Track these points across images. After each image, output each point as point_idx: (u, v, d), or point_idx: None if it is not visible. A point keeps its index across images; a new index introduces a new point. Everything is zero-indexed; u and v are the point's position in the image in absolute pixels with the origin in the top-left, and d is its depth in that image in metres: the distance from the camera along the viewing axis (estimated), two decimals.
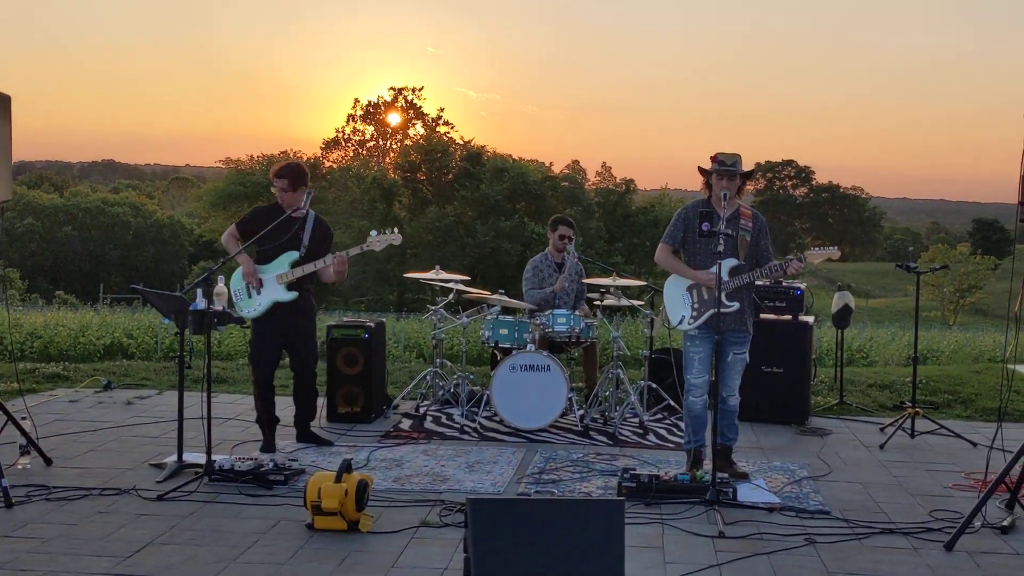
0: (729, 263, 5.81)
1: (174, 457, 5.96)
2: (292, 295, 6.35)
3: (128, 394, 8.51)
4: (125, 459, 6.26)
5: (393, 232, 6.46)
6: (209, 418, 5.72)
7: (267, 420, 6.53)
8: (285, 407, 6.80)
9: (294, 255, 6.35)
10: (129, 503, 5.34)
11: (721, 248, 5.54)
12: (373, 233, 6.45)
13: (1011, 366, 9.36)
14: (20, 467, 5.90)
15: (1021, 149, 4.89)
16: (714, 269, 5.62)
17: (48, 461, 6.06)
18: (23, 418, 6.05)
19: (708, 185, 5.95)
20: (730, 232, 5.79)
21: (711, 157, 5.89)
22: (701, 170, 5.96)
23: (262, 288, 6.36)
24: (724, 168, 5.81)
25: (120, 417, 7.55)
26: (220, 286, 6.29)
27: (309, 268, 6.34)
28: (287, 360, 6.79)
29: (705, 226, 5.86)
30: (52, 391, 8.64)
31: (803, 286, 7.78)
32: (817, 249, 5.92)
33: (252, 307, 6.34)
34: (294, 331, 6.47)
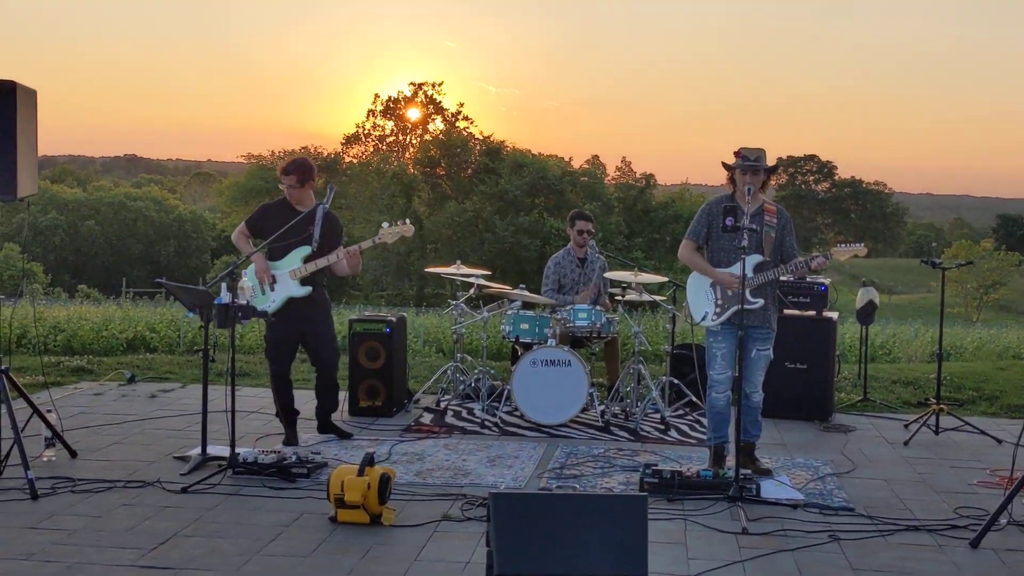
0: (754, 259, 5.78)
1: (198, 450, 6.00)
2: (306, 290, 6.36)
3: (152, 387, 8.57)
4: (149, 452, 6.30)
5: (405, 223, 6.44)
6: (233, 411, 5.75)
7: (286, 414, 6.55)
8: (306, 400, 6.82)
9: (306, 250, 6.36)
10: (153, 495, 5.37)
11: (745, 243, 5.50)
12: (384, 225, 6.43)
13: None
14: (45, 459, 5.95)
15: None
16: (738, 266, 5.59)
17: (73, 453, 6.12)
18: (48, 411, 6.10)
19: (732, 180, 5.91)
20: (754, 227, 5.75)
21: (735, 152, 5.85)
22: (725, 165, 5.92)
23: (275, 284, 6.36)
24: (748, 163, 5.77)
25: (144, 410, 7.60)
26: (244, 280, 6.32)
27: (322, 263, 6.34)
28: (306, 354, 6.81)
29: (729, 221, 5.82)
30: (76, 384, 8.70)
31: (827, 282, 7.73)
32: (843, 246, 5.88)
33: (266, 303, 6.34)
34: (310, 326, 6.48)
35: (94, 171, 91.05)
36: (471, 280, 7.91)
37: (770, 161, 5.86)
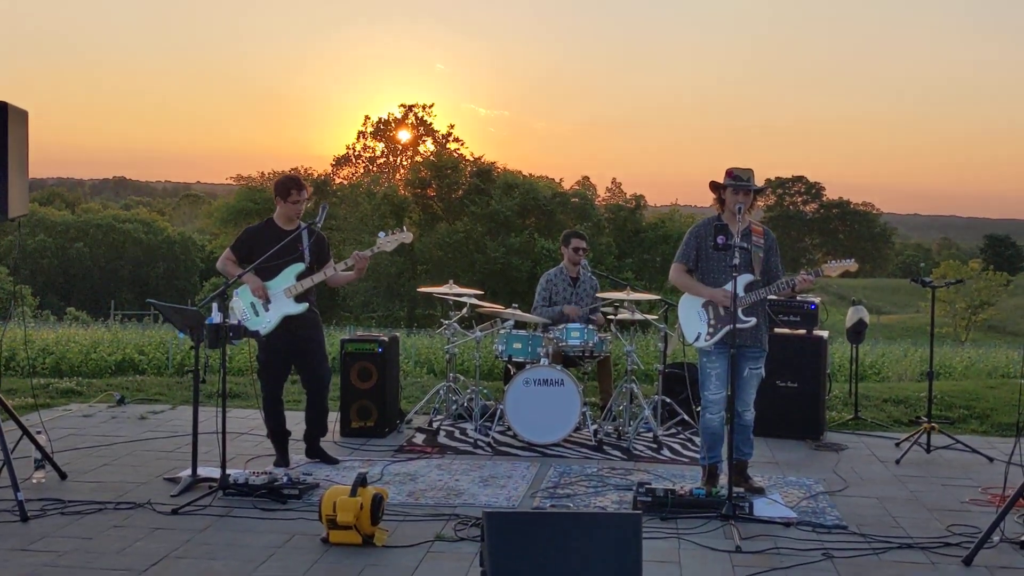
0: (745, 278, 5.80)
1: (188, 471, 5.96)
2: (302, 307, 6.34)
3: (141, 409, 8.52)
4: (139, 473, 6.27)
5: (402, 230, 6.43)
6: (224, 432, 5.72)
7: (277, 435, 6.52)
8: (297, 422, 6.77)
9: (299, 267, 6.34)
10: (144, 517, 5.34)
11: (737, 261, 5.53)
12: (381, 234, 6.41)
13: None
14: (35, 481, 5.91)
15: None
16: (730, 285, 5.61)
17: (63, 475, 6.07)
18: (38, 432, 6.06)
19: (720, 201, 5.95)
20: (745, 246, 5.77)
21: (726, 172, 5.89)
22: (714, 185, 5.95)
23: (269, 304, 6.34)
24: (740, 183, 5.81)
25: (134, 432, 7.56)
26: (236, 300, 6.29)
27: (318, 277, 6.33)
28: (298, 375, 6.78)
29: (720, 239, 5.86)
30: (66, 406, 8.65)
31: (817, 300, 7.76)
32: (834, 262, 5.91)
33: (262, 324, 6.30)
34: (304, 344, 6.45)
35: (83, 193, 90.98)
36: (464, 300, 7.91)
37: (758, 182, 5.90)
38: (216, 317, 5.70)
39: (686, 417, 7.74)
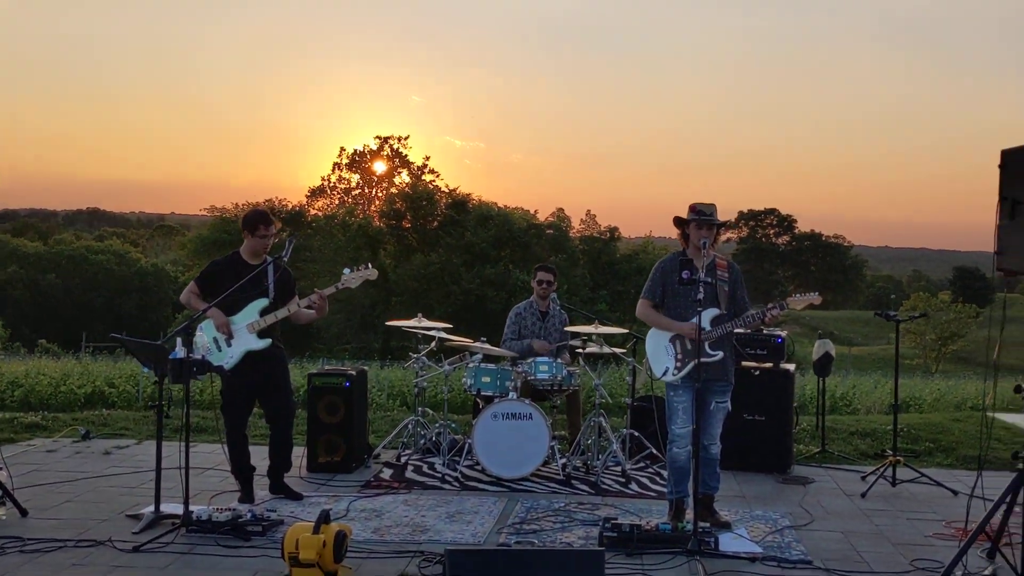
0: (711, 312, 5.84)
1: (151, 508, 5.90)
2: (265, 343, 6.31)
3: (106, 444, 8.42)
4: (102, 510, 6.19)
5: (367, 267, 6.45)
6: (187, 468, 5.66)
7: (242, 471, 6.46)
8: (262, 457, 6.71)
9: (263, 302, 6.32)
10: (104, 555, 5.27)
11: (701, 296, 5.57)
12: (346, 270, 6.42)
13: (991, 414, 9.39)
14: None
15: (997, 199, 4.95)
16: (695, 319, 5.64)
17: (23, 512, 5.98)
18: None
19: (684, 236, 6.00)
20: (709, 280, 5.82)
21: (689, 207, 5.96)
22: (678, 220, 6.01)
23: (232, 340, 6.31)
24: (704, 218, 5.87)
25: (98, 467, 7.47)
26: (200, 335, 6.25)
27: (282, 313, 6.31)
28: (262, 409, 6.73)
29: (685, 274, 5.91)
30: (30, 441, 8.54)
31: (784, 334, 7.82)
32: (799, 295, 5.96)
33: (224, 359, 6.26)
34: (268, 380, 6.42)
35: (56, 224, 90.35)
36: (432, 333, 7.90)
37: (728, 215, 5.97)
38: (180, 352, 5.67)
39: (654, 451, 7.74)
